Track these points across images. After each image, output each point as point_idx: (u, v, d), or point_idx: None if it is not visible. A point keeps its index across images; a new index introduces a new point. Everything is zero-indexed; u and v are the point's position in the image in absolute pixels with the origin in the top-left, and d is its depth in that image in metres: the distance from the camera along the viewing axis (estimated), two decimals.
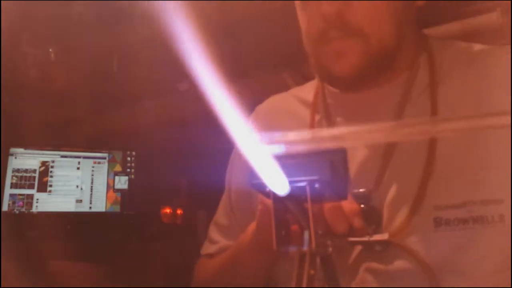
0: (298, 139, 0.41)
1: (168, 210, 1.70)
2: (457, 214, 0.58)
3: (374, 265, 0.61)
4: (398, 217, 0.60)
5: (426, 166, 0.60)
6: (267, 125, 0.78)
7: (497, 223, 0.57)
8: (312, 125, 0.72)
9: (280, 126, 0.75)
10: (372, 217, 0.59)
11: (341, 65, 0.62)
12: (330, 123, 0.70)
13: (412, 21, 0.67)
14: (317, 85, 0.75)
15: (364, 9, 0.61)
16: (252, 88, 0.81)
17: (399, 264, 0.59)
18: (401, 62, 0.66)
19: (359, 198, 0.60)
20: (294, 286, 0.40)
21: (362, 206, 0.59)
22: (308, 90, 0.76)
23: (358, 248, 0.62)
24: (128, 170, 1.68)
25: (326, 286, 0.42)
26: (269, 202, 0.44)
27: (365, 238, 0.56)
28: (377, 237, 0.57)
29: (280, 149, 0.40)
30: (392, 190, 0.62)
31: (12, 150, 1.55)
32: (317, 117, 0.72)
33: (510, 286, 0.55)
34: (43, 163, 1.58)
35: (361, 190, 0.62)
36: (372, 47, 0.61)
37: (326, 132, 0.42)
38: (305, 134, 0.41)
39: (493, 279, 0.56)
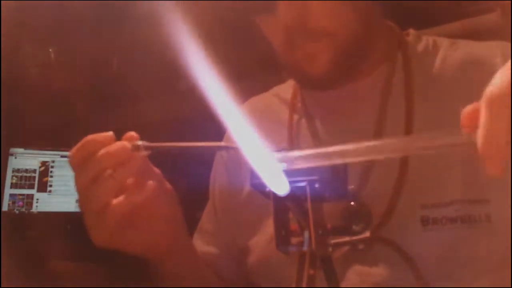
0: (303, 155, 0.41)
1: None
2: (444, 213, 0.57)
3: (358, 264, 0.60)
4: (378, 214, 0.58)
5: (401, 163, 0.60)
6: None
7: (484, 223, 0.56)
8: (290, 125, 0.71)
9: (260, 127, 0.73)
10: (361, 215, 0.57)
11: (313, 68, 0.62)
12: (309, 122, 0.69)
13: (379, 12, 0.66)
14: (295, 85, 0.74)
15: (323, 9, 0.60)
16: (252, 88, 0.80)
17: (385, 263, 0.58)
18: (374, 55, 0.66)
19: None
20: (294, 286, 0.40)
21: (352, 203, 0.57)
22: (287, 89, 0.75)
23: (343, 249, 0.60)
24: None
25: (326, 286, 0.42)
26: None
27: (346, 238, 0.54)
28: (359, 235, 0.56)
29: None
30: (373, 186, 0.61)
31: (12, 150, 1.55)
32: (295, 117, 0.71)
33: (510, 286, 0.54)
34: (43, 163, 1.58)
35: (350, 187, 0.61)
36: (340, 43, 0.60)
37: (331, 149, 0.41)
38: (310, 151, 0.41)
39: (482, 279, 0.56)
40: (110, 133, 0.53)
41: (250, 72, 1.23)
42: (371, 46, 0.65)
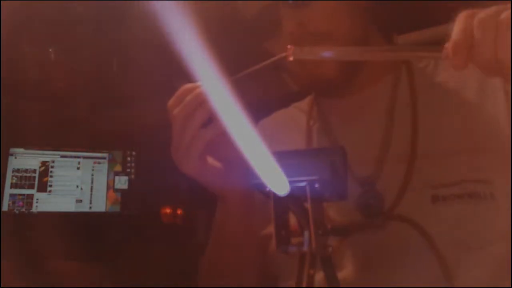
0: None
1: (168, 210, 1.70)
2: (452, 191, 0.64)
3: (375, 240, 0.65)
4: (391, 197, 0.66)
5: (411, 150, 0.67)
6: (270, 135, 0.79)
7: (489, 200, 0.63)
8: (308, 131, 0.78)
9: (281, 135, 0.81)
10: (374, 201, 0.65)
11: (320, 73, 0.68)
12: (325, 127, 0.76)
13: (380, 15, 0.74)
14: (311, 96, 0.82)
15: (323, 13, 0.66)
16: (252, 88, 0.81)
17: (400, 237, 0.64)
18: (379, 65, 0.73)
19: (363, 183, 0.67)
20: (294, 286, 0.40)
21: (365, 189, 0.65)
22: (306, 101, 0.83)
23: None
24: (128, 170, 1.68)
25: (326, 286, 0.42)
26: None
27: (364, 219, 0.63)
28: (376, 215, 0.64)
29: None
30: (389, 173, 0.68)
31: (12, 150, 1.55)
32: (312, 123, 0.79)
33: (510, 286, 0.55)
34: (43, 163, 1.58)
35: (365, 175, 0.69)
36: (340, 44, 0.66)
37: None
38: None
39: (490, 248, 0.61)
40: (198, 83, 0.63)
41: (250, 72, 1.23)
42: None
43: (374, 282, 0.64)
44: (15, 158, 1.55)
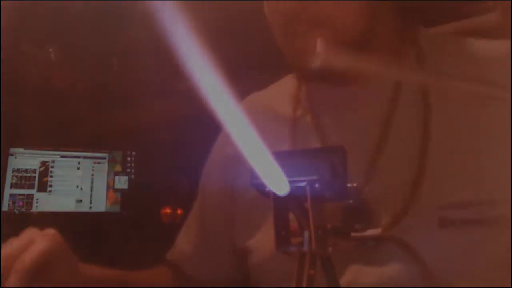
0: None
1: (168, 210, 1.70)
2: (462, 214, 0.56)
3: (366, 262, 0.58)
4: (390, 213, 0.57)
5: (419, 159, 0.58)
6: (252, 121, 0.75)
7: (497, 224, 0.56)
8: (294, 121, 0.69)
9: (261, 123, 0.71)
10: (361, 213, 0.56)
11: (313, 60, 0.57)
12: (314, 117, 0.67)
13: (389, 7, 0.65)
14: (298, 79, 0.71)
15: None
16: (252, 88, 0.80)
17: (394, 262, 0.57)
18: (385, 52, 0.64)
19: (349, 193, 0.55)
20: (294, 286, 0.40)
21: (351, 201, 0.55)
22: (289, 84, 0.73)
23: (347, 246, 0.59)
24: (128, 170, 1.68)
25: (326, 286, 0.42)
26: None
27: (357, 234, 0.54)
28: (369, 231, 0.55)
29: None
30: (385, 185, 0.59)
31: (12, 150, 1.55)
32: (299, 112, 0.69)
33: (510, 286, 0.54)
34: (43, 163, 1.58)
35: (351, 184, 0.57)
36: (339, 34, 0.59)
37: None
38: None
39: (493, 278, 0.55)
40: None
41: (250, 72, 1.23)
42: (379, 42, 0.63)
43: None
44: (15, 158, 1.55)
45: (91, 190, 1.61)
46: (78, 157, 1.62)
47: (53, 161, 1.59)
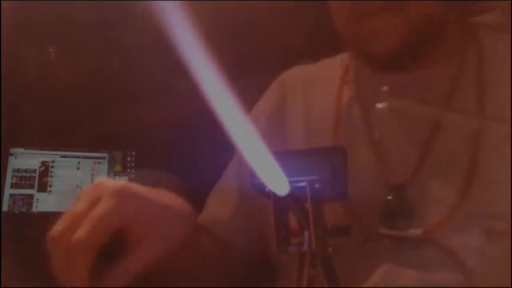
0: None
1: None
2: (506, 225, 0.52)
3: (402, 263, 0.55)
4: (436, 214, 0.54)
5: (471, 161, 0.55)
6: (291, 93, 0.71)
7: None
8: (338, 102, 0.65)
9: (305, 98, 0.68)
10: (402, 211, 0.54)
11: (379, 44, 0.56)
12: (361, 103, 0.64)
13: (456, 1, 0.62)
14: (348, 61, 0.68)
15: None
16: (252, 88, 0.80)
17: (434, 267, 0.54)
18: (447, 44, 0.61)
19: (389, 189, 0.56)
20: (294, 286, 0.40)
21: (389, 197, 0.54)
22: (339, 64, 0.70)
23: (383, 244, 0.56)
24: (128, 170, 1.68)
25: (326, 286, 0.42)
26: None
27: (395, 232, 0.53)
28: (409, 232, 0.53)
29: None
30: (432, 184, 0.56)
31: (12, 150, 1.55)
32: (346, 93, 0.66)
33: (510, 286, 0.54)
34: (43, 163, 1.58)
35: (394, 180, 0.57)
36: (412, 21, 0.55)
37: None
38: None
39: None
40: None
41: (250, 72, 1.23)
42: (445, 33, 0.60)
43: None
44: (15, 158, 1.55)
45: None
46: (78, 157, 1.62)
47: (53, 161, 1.59)
